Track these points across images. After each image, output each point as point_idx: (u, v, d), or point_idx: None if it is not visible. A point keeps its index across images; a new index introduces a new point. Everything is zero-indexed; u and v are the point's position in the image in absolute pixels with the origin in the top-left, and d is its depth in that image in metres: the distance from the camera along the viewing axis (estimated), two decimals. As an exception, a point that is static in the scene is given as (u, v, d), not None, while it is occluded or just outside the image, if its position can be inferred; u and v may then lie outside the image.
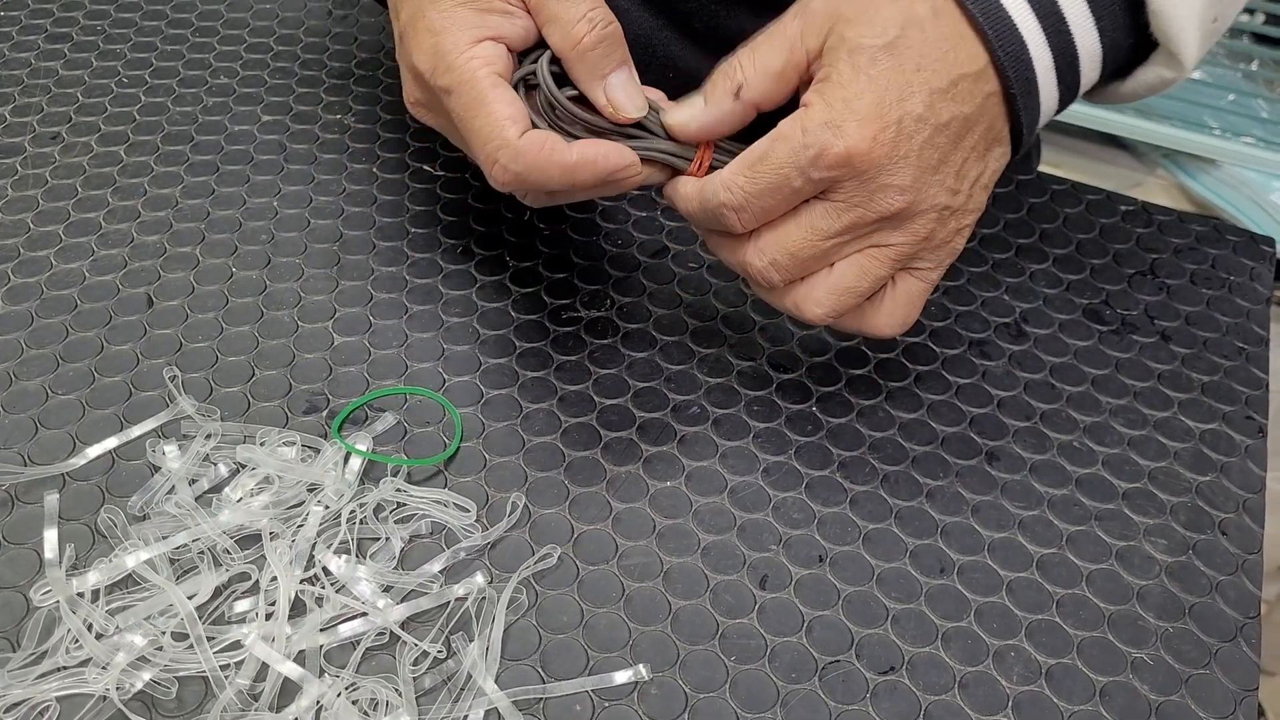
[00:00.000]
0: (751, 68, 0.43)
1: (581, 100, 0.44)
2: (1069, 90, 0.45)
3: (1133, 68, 0.48)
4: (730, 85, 0.43)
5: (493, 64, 0.43)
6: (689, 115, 0.44)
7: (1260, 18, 1.47)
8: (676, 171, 0.46)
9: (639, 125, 0.45)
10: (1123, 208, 0.61)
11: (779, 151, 0.42)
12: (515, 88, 0.45)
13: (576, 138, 0.44)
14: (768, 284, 0.45)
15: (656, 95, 0.47)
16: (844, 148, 0.41)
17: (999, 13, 0.42)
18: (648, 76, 0.57)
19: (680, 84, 0.57)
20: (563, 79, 0.44)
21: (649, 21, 0.54)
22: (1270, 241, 0.60)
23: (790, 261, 0.43)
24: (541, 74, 0.44)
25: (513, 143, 0.42)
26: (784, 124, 0.42)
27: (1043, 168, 0.73)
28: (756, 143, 0.43)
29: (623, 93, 0.44)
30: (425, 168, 0.61)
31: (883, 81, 0.41)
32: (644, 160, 0.45)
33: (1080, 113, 1.47)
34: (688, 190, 0.45)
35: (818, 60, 0.42)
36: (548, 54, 0.44)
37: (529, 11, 0.44)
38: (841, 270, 0.44)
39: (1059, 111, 0.46)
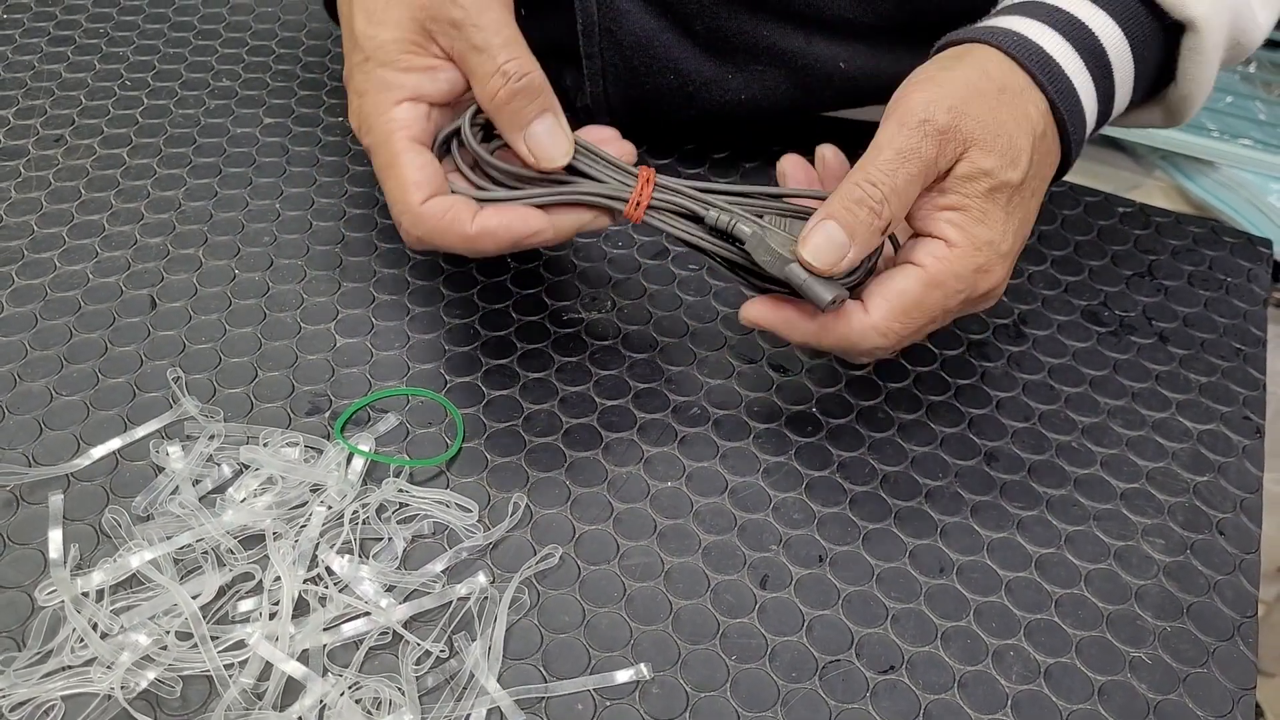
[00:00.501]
0: (897, 201, 0.42)
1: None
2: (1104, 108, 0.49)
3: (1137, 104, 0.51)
4: (880, 224, 0.42)
5: (408, 127, 0.44)
6: (835, 256, 0.42)
7: (1258, 20, 1.47)
8: (612, 212, 0.46)
9: (572, 169, 0.45)
10: (1121, 210, 0.62)
11: (933, 299, 0.43)
12: (447, 142, 0.46)
13: (513, 188, 0.45)
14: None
15: (607, 134, 0.47)
16: (991, 286, 0.44)
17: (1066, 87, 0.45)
18: (650, 79, 0.57)
19: (680, 86, 0.57)
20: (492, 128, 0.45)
21: (650, 24, 0.55)
22: (1267, 243, 0.61)
23: (906, 343, 0.45)
24: (464, 130, 0.45)
25: (414, 209, 0.43)
26: (934, 269, 0.43)
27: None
28: (903, 283, 0.43)
29: (545, 140, 0.44)
30: (427, 170, 0.62)
31: (1020, 215, 0.44)
32: (576, 205, 0.45)
33: (1079, 115, 1.47)
34: (811, 328, 0.44)
35: (946, 179, 0.43)
36: (473, 108, 0.45)
37: (456, 63, 0.45)
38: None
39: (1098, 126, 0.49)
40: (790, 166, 0.49)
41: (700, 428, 0.50)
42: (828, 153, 0.48)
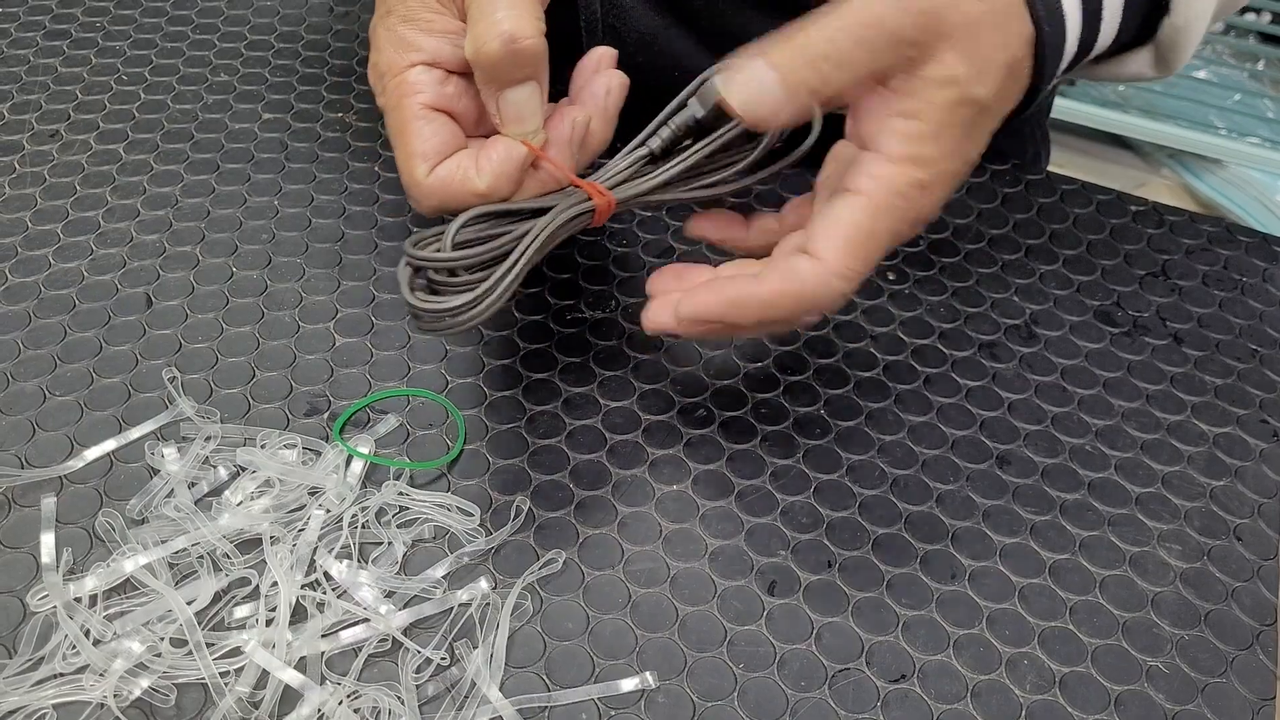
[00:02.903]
0: (847, 73, 0.38)
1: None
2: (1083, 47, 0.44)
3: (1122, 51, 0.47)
4: (821, 89, 0.38)
5: (422, 92, 0.42)
6: (757, 97, 0.39)
7: (1266, 17, 1.47)
8: (579, 216, 0.44)
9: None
10: (1133, 208, 0.61)
11: (884, 226, 0.40)
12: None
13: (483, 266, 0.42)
14: None
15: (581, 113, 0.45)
16: (935, 206, 0.41)
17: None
18: (654, 76, 0.56)
19: (685, 82, 0.56)
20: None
21: (655, 20, 0.54)
22: (1282, 242, 0.60)
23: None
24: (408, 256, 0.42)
25: (420, 182, 0.42)
26: (878, 195, 0.39)
27: (1049, 168, 0.72)
28: (849, 215, 0.39)
29: (522, 108, 0.42)
30: (428, 166, 0.61)
31: (978, 138, 0.40)
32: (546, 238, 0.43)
33: (1086, 112, 1.46)
34: (762, 292, 0.41)
35: (910, 78, 0.39)
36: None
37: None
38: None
39: (1067, 70, 0.45)
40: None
41: (706, 430, 0.49)
42: None
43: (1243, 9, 1.36)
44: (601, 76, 0.44)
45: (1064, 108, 1.47)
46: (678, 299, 0.42)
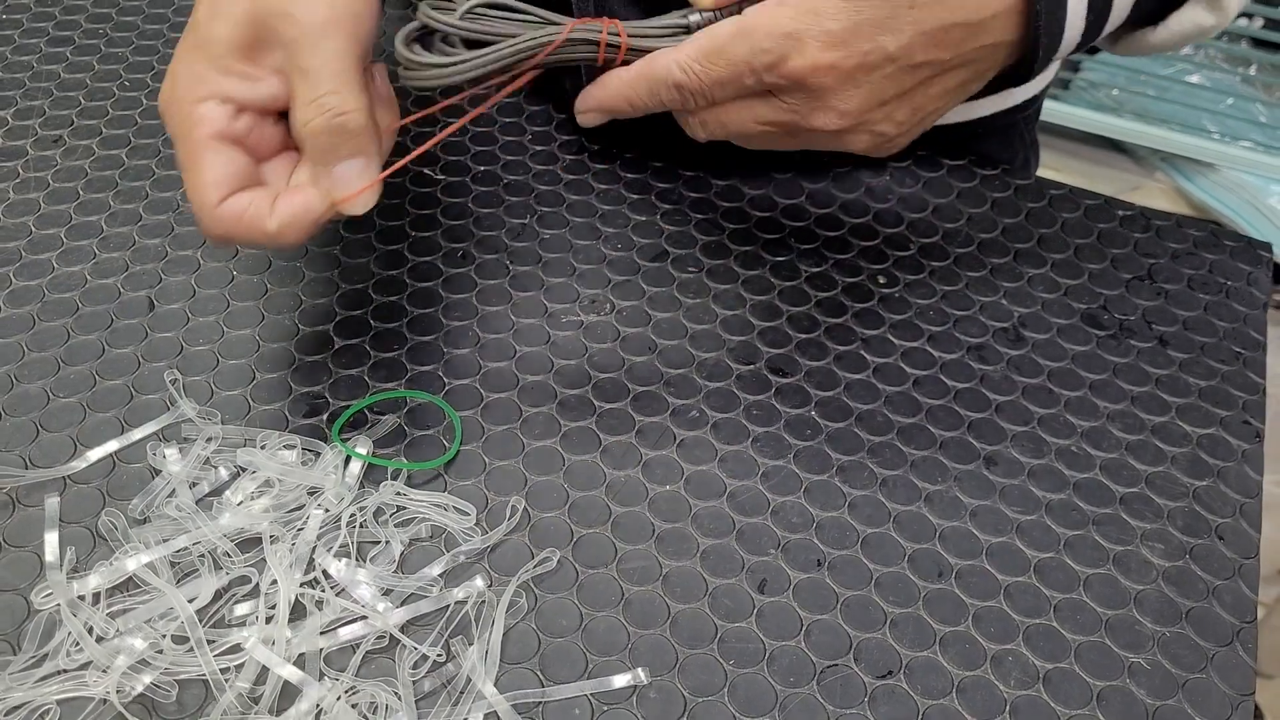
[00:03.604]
0: None
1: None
2: (1098, 18, 0.44)
3: (1167, 12, 0.47)
4: None
5: (211, 124, 0.42)
6: None
7: (1259, 22, 1.48)
8: (585, 44, 0.45)
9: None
10: (1120, 213, 0.62)
11: (738, 49, 0.41)
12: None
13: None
14: (691, 134, 0.46)
15: None
16: (800, 65, 0.40)
17: None
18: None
19: None
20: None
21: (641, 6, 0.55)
22: (1267, 247, 0.61)
23: (723, 131, 0.45)
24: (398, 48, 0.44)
25: (211, 209, 0.41)
26: (750, 18, 0.41)
27: (1041, 171, 0.73)
28: (717, 29, 0.42)
29: (350, 184, 0.42)
30: (426, 171, 0.62)
31: (866, 9, 0.40)
32: (533, 64, 0.44)
33: (1080, 116, 1.47)
34: (626, 74, 0.45)
35: None
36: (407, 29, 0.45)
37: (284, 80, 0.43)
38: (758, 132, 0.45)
39: (1083, 45, 0.45)
40: None
41: (699, 431, 0.50)
42: None
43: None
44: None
45: (1058, 112, 1.48)
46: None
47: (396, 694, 0.40)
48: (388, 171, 0.43)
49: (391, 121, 0.45)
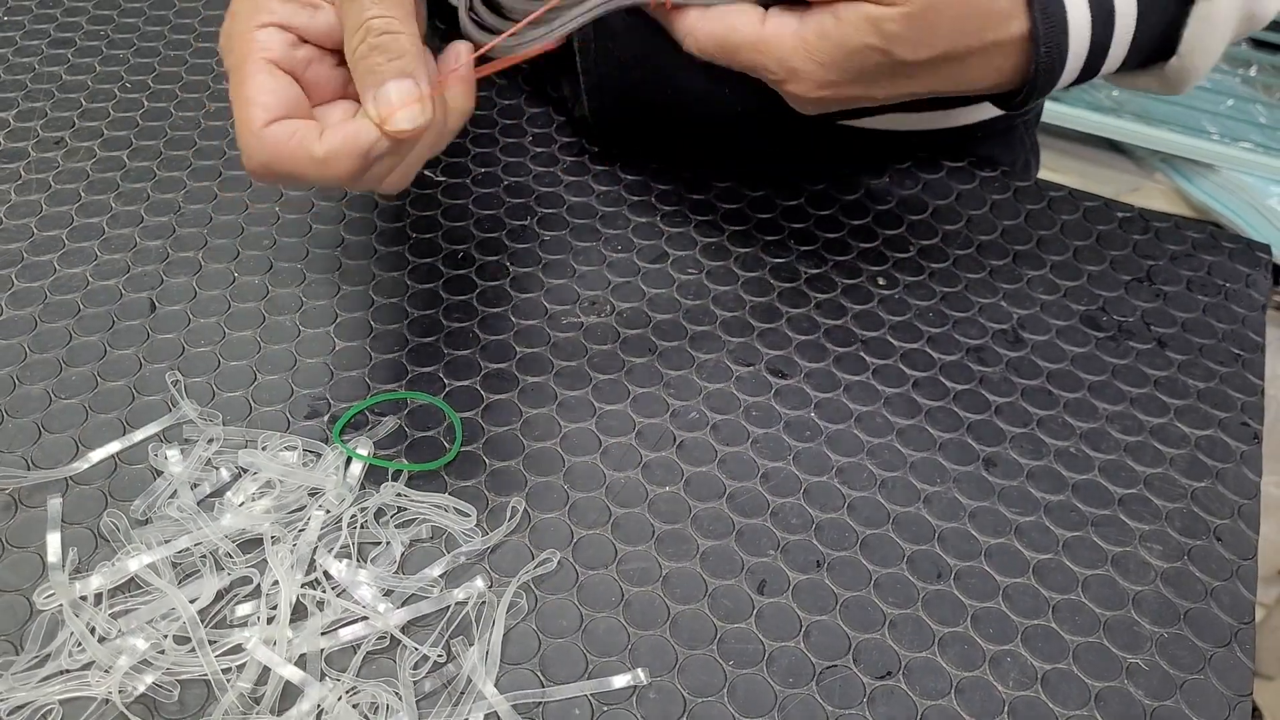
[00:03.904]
0: None
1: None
2: (1092, 64, 0.45)
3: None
4: None
5: (269, 50, 0.41)
6: None
7: (1259, 23, 1.47)
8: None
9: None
10: (1119, 215, 0.62)
11: (745, 56, 0.42)
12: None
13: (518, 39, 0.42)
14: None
15: None
16: (798, 93, 0.42)
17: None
18: (645, 94, 0.57)
19: (676, 101, 0.58)
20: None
21: (644, 41, 0.55)
22: (1266, 249, 0.61)
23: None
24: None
25: (256, 130, 0.40)
26: (767, 37, 0.42)
27: (1041, 172, 0.73)
28: (738, 20, 0.42)
29: (393, 103, 0.40)
30: (426, 172, 0.62)
31: (884, 84, 0.42)
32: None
33: (1079, 117, 1.47)
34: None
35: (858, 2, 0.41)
36: None
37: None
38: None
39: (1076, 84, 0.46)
40: None
41: (698, 432, 0.50)
42: None
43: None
44: (450, 50, 0.44)
45: (1058, 113, 1.49)
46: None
47: (397, 694, 0.40)
48: (434, 88, 0.42)
49: (465, 100, 0.44)
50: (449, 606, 0.43)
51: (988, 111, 0.67)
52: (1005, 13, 0.41)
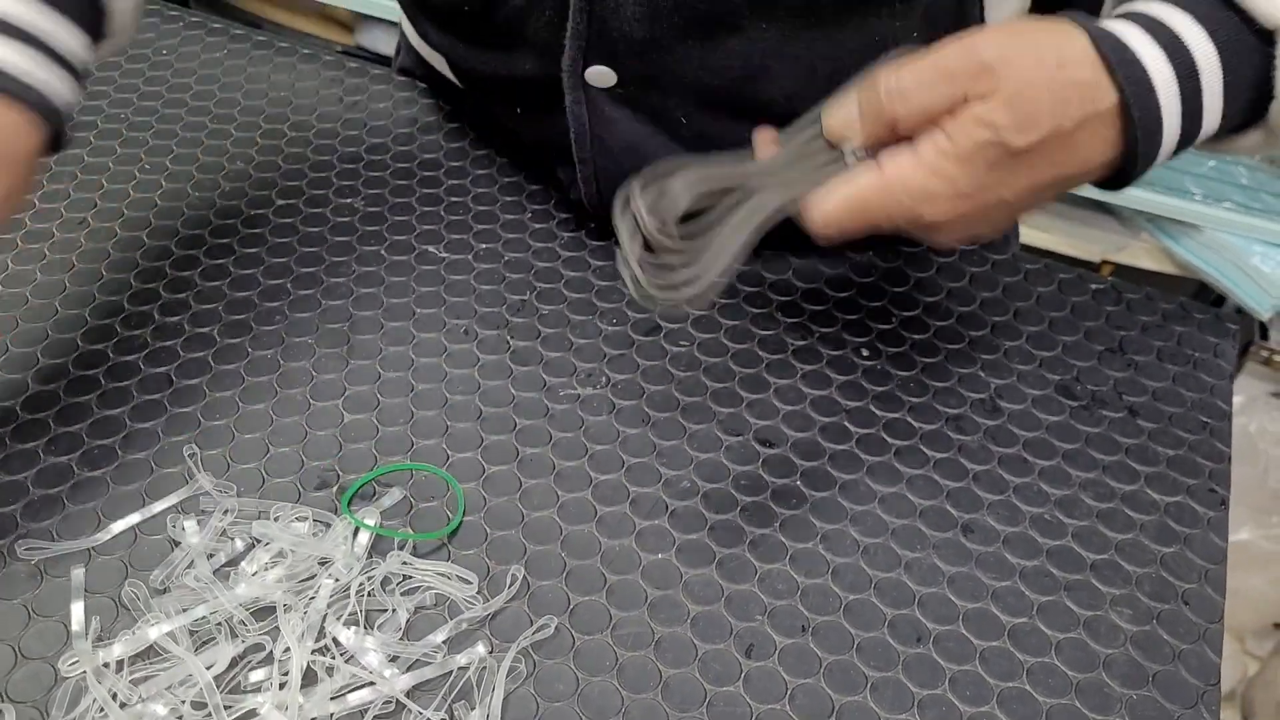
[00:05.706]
0: (912, 102, 0.44)
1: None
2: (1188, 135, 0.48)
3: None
4: (884, 112, 0.44)
5: None
6: (842, 120, 0.46)
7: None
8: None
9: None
10: (1093, 286, 0.65)
11: (878, 204, 0.45)
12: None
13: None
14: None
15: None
16: (934, 219, 0.45)
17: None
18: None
19: None
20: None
21: (639, 129, 0.58)
22: (1234, 319, 0.63)
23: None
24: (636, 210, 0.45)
25: None
26: (891, 175, 0.44)
27: (1028, 233, 0.76)
28: (862, 181, 0.45)
29: None
30: (430, 249, 0.65)
31: (1009, 181, 0.45)
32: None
33: (1067, 177, 1.50)
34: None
35: (958, 109, 0.44)
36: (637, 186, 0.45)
37: None
38: None
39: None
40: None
41: (689, 501, 0.52)
42: None
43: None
44: None
45: (1047, 172, 1.51)
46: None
47: (402, 757, 0.42)
48: None
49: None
50: (451, 671, 0.45)
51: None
52: (1092, 82, 0.44)
